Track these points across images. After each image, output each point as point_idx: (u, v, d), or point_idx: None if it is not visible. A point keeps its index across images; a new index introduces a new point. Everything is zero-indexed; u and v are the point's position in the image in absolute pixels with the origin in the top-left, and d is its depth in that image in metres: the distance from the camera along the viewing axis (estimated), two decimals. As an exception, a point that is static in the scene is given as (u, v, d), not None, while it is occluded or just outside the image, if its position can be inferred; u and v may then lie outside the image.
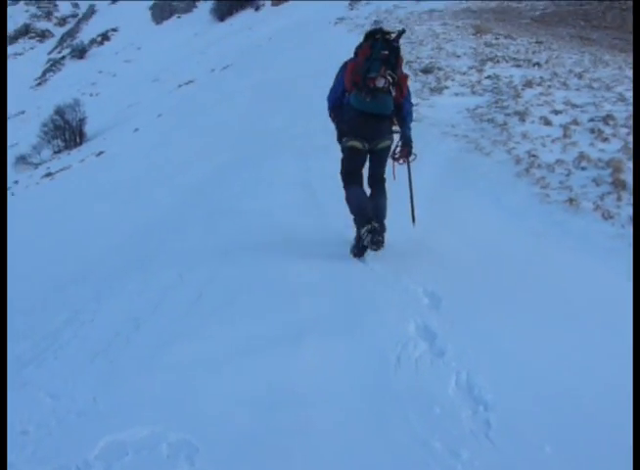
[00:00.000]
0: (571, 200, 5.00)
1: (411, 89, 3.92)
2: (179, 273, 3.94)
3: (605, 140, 6.42)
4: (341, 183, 3.65)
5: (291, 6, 46.11)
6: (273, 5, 50.19)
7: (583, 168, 5.72)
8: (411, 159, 3.65)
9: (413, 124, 3.90)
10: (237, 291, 3.47)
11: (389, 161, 3.73)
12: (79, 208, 10.63)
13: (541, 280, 3.51)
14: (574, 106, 8.14)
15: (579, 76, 10.05)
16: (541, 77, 10.03)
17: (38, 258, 7.20)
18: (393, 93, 3.28)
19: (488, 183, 5.77)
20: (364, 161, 3.57)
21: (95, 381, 2.67)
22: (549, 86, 9.42)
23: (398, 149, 3.58)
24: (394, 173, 3.71)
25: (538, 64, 11.29)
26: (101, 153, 17.97)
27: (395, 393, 2.41)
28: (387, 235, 3.68)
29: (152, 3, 64.49)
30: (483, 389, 2.38)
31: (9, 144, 29.85)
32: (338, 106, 3.48)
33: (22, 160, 24.07)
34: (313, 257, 3.89)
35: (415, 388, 2.43)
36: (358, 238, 3.54)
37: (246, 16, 51.06)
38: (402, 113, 3.49)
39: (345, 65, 3.46)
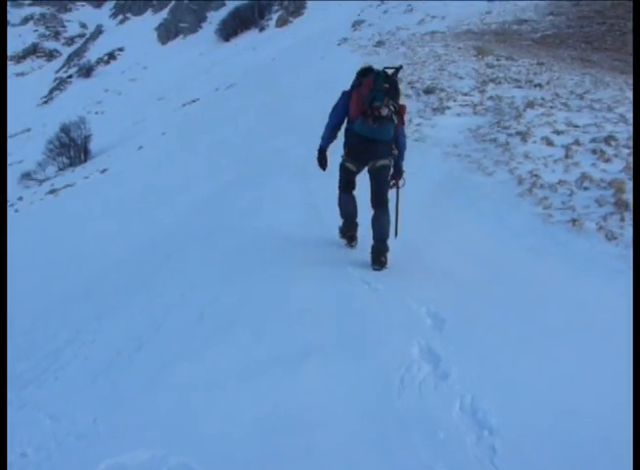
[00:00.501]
0: (574, 220, 5.00)
1: (414, 109, 4.16)
2: (182, 292, 3.92)
3: (607, 161, 6.44)
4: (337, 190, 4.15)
5: (295, 27, 46.86)
6: (277, 26, 51.08)
7: (586, 189, 5.73)
8: (400, 184, 4.12)
9: (416, 144, 4.26)
10: (239, 311, 3.45)
11: None
12: (82, 224, 10.66)
13: (545, 301, 3.48)
14: (576, 126, 8.19)
15: (581, 97, 10.13)
16: (543, 98, 10.11)
17: (40, 275, 7.20)
18: (396, 121, 3.62)
19: (491, 203, 5.78)
20: (355, 176, 3.98)
21: (96, 402, 2.64)
22: (551, 107, 9.49)
23: (390, 177, 3.92)
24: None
25: (540, 85, 11.38)
26: (105, 170, 18.10)
27: (399, 416, 2.38)
28: (390, 255, 3.68)
29: (158, 23, 65.66)
30: (488, 412, 2.34)
31: (15, 161, 30.11)
32: (336, 128, 3.87)
33: (26, 176, 24.24)
34: (316, 276, 3.87)
35: (419, 411, 2.40)
36: (343, 232, 4.24)
37: (250, 36, 51.87)
38: (400, 142, 3.89)
39: (344, 94, 3.81)
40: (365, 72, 3.73)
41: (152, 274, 4.80)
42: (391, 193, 4.16)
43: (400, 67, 3.82)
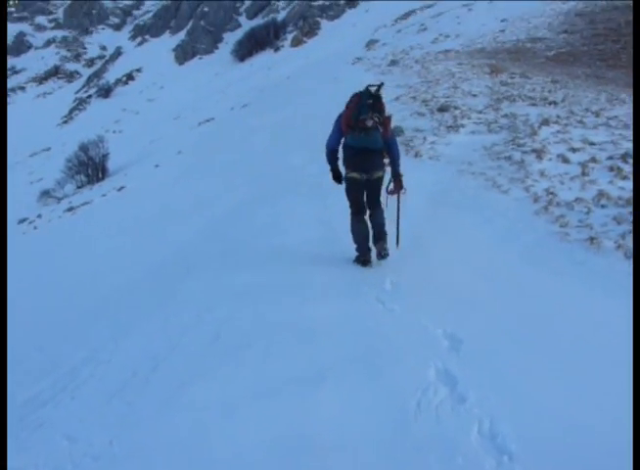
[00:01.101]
0: (591, 239, 4.93)
1: (428, 127, 4.32)
2: (197, 312, 3.92)
3: (624, 178, 6.37)
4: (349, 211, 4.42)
5: (309, 47, 47.58)
6: (292, 46, 51.89)
7: (603, 206, 5.66)
8: (402, 192, 4.34)
9: (431, 162, 4.37)
10: (255, 332, 3.44)
11: (384, 193, 4.37)
12: (99, 242, 10.79)
13: (563, 321, 3.42)
14: (592, 144, 8.12)
15: (596, 114, 10.05)
16: (558, 116, 10.06)
17: (58, 292, 7.29)
18: (381, 130, 3.98)
19: (506, 221, 5.73)
20: (363, 190, 4.20)
21: (111, 423, 2.64)
22: (566, 124, 9.43)
23: (392, 184, 4.29)
24: (387, 202, 4.37)
25: (554, 102, 11.34)
26: (122, 188, 18.37)
27: (416, 441, 2.34)
28: (406, 270, 3.63)
29: (175, 45, 67.13)
30: (507, 437, 2.29)
31: (35, 179, 30.73)
32: (335, 151, 4.22)
33: (45, 194, 24.66)
34: (332, 296, 3.85)
35: (436, 436, 2.35)
36: (359, 258, 4.43)
37: (265, 56, 52.73)
38: (392, 154, 4.20)
39: (340, 116, 4.16)
40: (355, 93, 4.12)
41: (168, 293, 4.83)
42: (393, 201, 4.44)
43: (382, 84, 4.11)
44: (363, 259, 4.36)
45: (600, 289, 3.89)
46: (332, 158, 4.27)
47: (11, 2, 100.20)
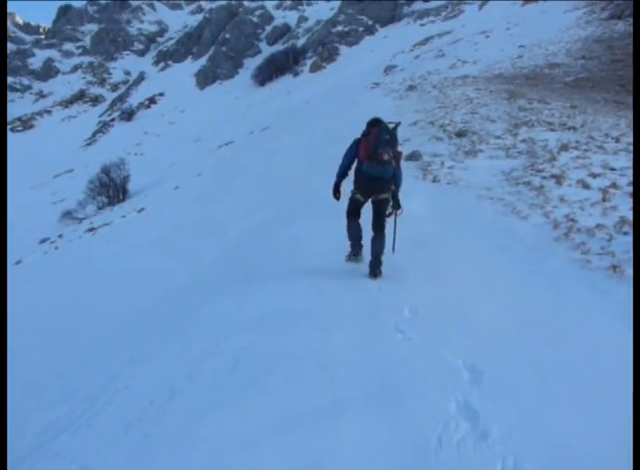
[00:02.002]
0: (614, 267, 4.83)
1: (446, 152, 4.51)
2: (216, 339, 3.90)
3: (647, 205, 6.25)
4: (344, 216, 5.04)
5: (328, 73, 48.38)
6: (311, 72, 52.88)
7: (625, 233, 5.56)
8: (398, 212, 4.92)
9: (449, 187, 6.81)
10: (273, 361, 3.40)
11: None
12: (118, 263, 10.91)
13: (587, 352, 3.32)
14: (613, 169, 8.04)
15: (616, 140, 9.97)
16: (577, 141, 10.00)
17: (77, 314, 7.34)
18: (393, 164, 4.54)
19: (526, 248, 5.65)
20: (361, 206, 4.87)
21: (127, 455, 2.62)
22: (585, 150, 9.37)
23: (390, 204, 4.82)
24: (385, 222, 4.91)
25: (574, 127, 11.29)
26: (142, 209, 18.66)
27: (437, 478, 2.27)
28: (425, 297, 3.57)
29: (197, 70, 68.84)
30: (532, 477, 2.21)
31: (57, 199, 31.40)
32: (346, 168, 4.82)
33: (67, 215, 25.14)
34: (350, 324, 3.81)
35: (458, 473, 2.28)
36: (351, 255, 5.07)
37: (285, 81, 53.73)
38: (397, 182, 4.75)
39: (355, 142, 4.72)
40: (373, 123, 4.63)
41: (186, 319, 4.82)
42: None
43: (399, 123, 4.69)
44: (354, 254, 5.01)
45: (623, 319, 3.79)
46: (341, 173, 4.86)
47: (41, 29, 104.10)
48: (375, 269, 4.82)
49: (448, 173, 8.98)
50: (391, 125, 4.61)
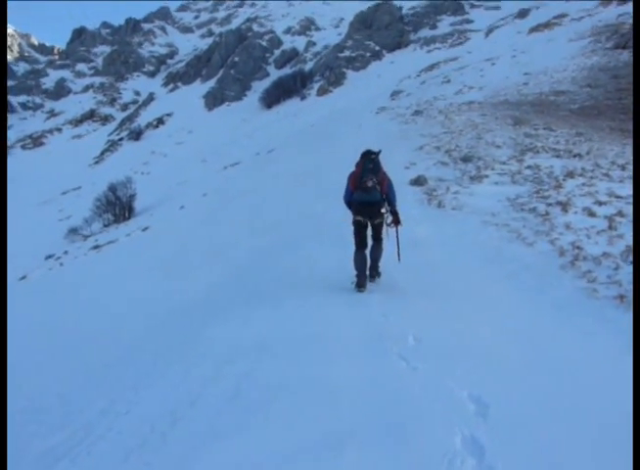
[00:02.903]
0: (621, 296, 4.78)
1: (451, 177, 8.06)
2: (217, 365, 3.85)
3: (654, 234, 6.21)
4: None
5: (335, 96, 48.96)
6: (318, 95, 53.56)
7: (632, 263, 5.51)
8: (400, 227, 5.42)
9: (454, 212, 7.55)
10: (275, 389, 3.35)
11: (385, 227, 5.49)
12: (122, 282, 10.90)
13: (593, 385, 3.26)
14: (619, 197, 8.02)
15: (622, 168, 9.98)
16: (583, 168, 10.01)
17: (80, 334, 7.28)
18: (378, 188, 5.18)
19: (532, 275, 5.60)
20: (366, 230, 5.38)
21: (127, 485, 2.54)
22: (591, 177, 9.37)
23: (390, 220, 5.39)
24: (388, 234, 5.47)
25: (579, 155, 11.31)
26: (147, 228, 18.72)
27: (441, 516, 2.19)
28: (429, 324, 3.51)
29: (206, 91, 69.90)
30: (539, 517, 2.14)
31: (64, 216, 31.61)
32: (349, 203, 5.47)
33: (73, 231, 25.26)
34: (353, 352, 3.76)
35: (463, 512, 2.20)
36: (358, 284, 5.36)
37: (292, 104, 54.40)
38: (390, 200, 5.35)
39: (348, 177, 5.41)
40: (362, 155, 5.32)
41: (189, 342, 4.79)
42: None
43: (379, 151, 5.35)
44: (360, 284, 5.34)
45: (630, 350, 3.72)
46: (348, 205, 5.56)
47: (55, 50, 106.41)
48: (372, 271, 5.51)
49: (453, 198, 8.98)
50: (375, 151, 5.32)
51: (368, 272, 5.45)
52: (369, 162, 5.15)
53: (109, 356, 5.25)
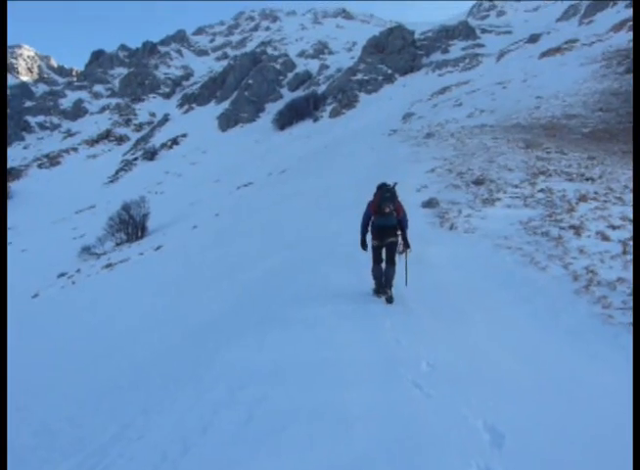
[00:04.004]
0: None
1: (463, 200, 8.77)
2: (230, 389, 3.82)
3: (669, 259, 6.14)
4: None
5: (347, 118, 49.42)
6: (331, 117, 54.09)
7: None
8: (408, 251, 6.04)
9: (466, 235, 8.00)
10: (287, 416, 3.30)
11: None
12: (134, 301, 10.94)
13: (610, 416, 3.20)
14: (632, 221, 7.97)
15: (636, 192, 9.93)
16: (595, 192, 9.96)
17: (92, 355, 7.29)
18: (395, 214, 5.92)
19: (545, 300, 5.55)
20: (381, 250, 6.07)
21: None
22: (604, 201, 9.32)
23: (401, 246, 6.08)
24: (399, 257, 6.09)
25: (592, 178, 11.27)
26: (159, 247, 18.85)
27: None
28: (442, 349, 3.47)
29: (220, 113, 70.96)
30: None
31: (77, 234, 31.91)
32: (366, 225, 6.14)
33: (86, 250, 25.44)
34: (369, 380, 3.73)
35: None
36: (375, 290, 6.18)
37: (304, 126, 54.96)
38: (402, 227, 6.03)
39: (368, 204, 6.11)
40: (379, 187, 6.08)
41: (201, 366, 4.77)
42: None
43: (396, 183, 6.19)
44: (379, 291, 6.12)
45: (648, 379, 3.65)
46: (363, 231, 6.21)
47: (74, 72, 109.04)
48: (386, 288, 6.05)
49: (465, 221, 8.97)
50: (391, 185, 6.11)
51: (383, 288, 6.10)
52: (386, 191, 5.97)
53: (121, 377, 5.21)
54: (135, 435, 3.44)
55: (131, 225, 27.74)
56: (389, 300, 5.91)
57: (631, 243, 6.94)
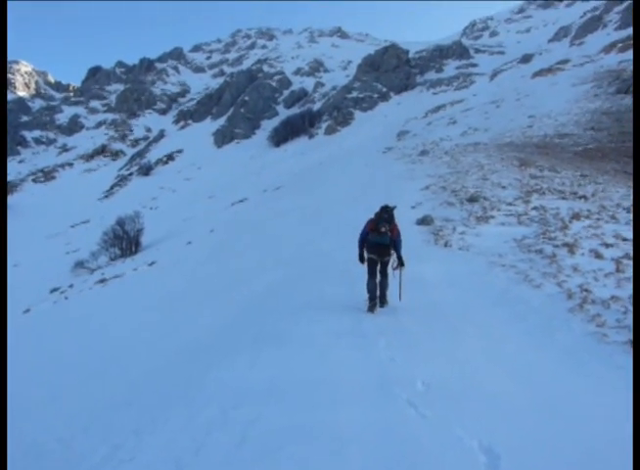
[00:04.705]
0: (631, 341, 4.71)
1: (457, 217, 9.11)
2: (223, 409, 3.77)
3: (663, 277, 6.18)
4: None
5: (342, 135, 49.84)
6: (326, 134, 54.52)
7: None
8: (402, 269, 6.46)
9: (460, 252, 8.16)
10: (282, 436, 3.26)
11: (390, 270, 6.54)
12: (127, 317, 10.84)
13: (606, 434, 3.18)
14: (625, 240, 8.02)
15: (628, 210, 10.01)
16: (588, 210, 10.05)
17: (83, 371, 7.19)
18: (389, 234, 6.29)
19: (540, 318, 5.55)
20: (376, 265, 6.46)
21: None
22: (597, 219, 9.40)
23: (395, 263, 6.50)
24: (393, 274, 6.51)
25: (584, 196, 11.39)
26: (153, 263, 18.76)
27: None
28: (437, 368, 3.44)
29: (215, 129, 71.37)
30: None
31: (71, 249, 31.75)
32: (363, 240, 6.49)
33: (79, 265, 25.27)
34: (363, 399, 3.69)
35: None
36: (368, 305, 6.37)
37: (300, 143, 55.32)
38: (396, 246, 6.42)
39: (367, 221, 6.51)
40: (381, 208, 6.42)
41: (194, 384, 4.71)
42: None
43: (395, 206, 6.56)
44: (371, 307, 6.33)
45: (644, 398, 3.64)
46: (361, 245, 6.54)
47: (70, 88, 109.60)
48: (381, 300, 6.49)
49: (460, 239, 9.01)
50: (392, 207, 6.53)
51: (377, 300, 6.44)
52: (385, 212, 6.39)
53: (113, 395, 5.13)
54: (126, 456, 3.37)
55: (125, 240, 27.64)
56: (382, 306, 6.45)
57: (626, 261, 6.98)
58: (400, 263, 6.45)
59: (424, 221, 10.42)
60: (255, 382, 4.19)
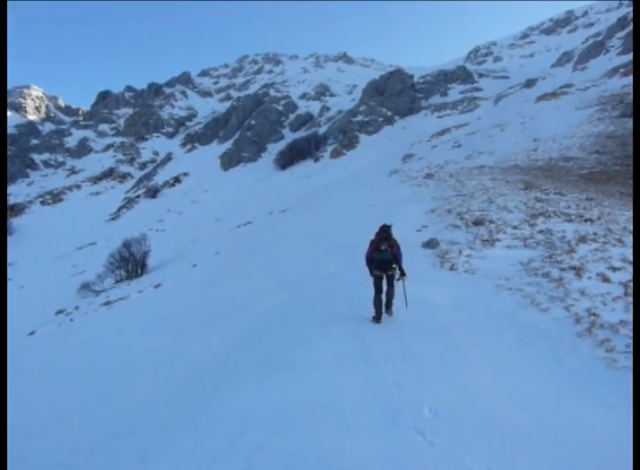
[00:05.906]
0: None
1: (463, 240, 9.64)
2: (230, 436, 3.73)
3: (671, 302, 6.11)
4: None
5: (348, 159, 50.23)
6: (332, 157, 54.99)
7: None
8: (404, 279, 6.93)
9: (466, 275, 8.42)
10: (288, 464, 3.20)
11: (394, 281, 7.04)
12: (132, 340, 10.79)
13: (618, 463, 3.12)
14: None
15: (635, 234, 9.97)
16: (595, 233, 10.01)
17: (87, 395, 7.13)
18: (389, 250, 6.90)
19: (548, 343, 5.49)
20: (382, 280, 7.07)
21: None
22: (604, 242, 9.34)
23: (398, 275, 6.97)
24: (397, 284, 7.03)
25: (590, 219, 11.35)
26: (159, 285, 18.75)
27: None
28: (444, 393, 3.39)
29: (222, 152, 72.17)
30: None
31: (77, 271, 31.84)
32: (369, 259, 7.06)
33: (85, 287, 25.30)
34: (370, 426, 3.65)
35: None
36: (374, 317, 6.95)
37: (305, 166, 55.77)
38: (398, 260, 6.96)
39: (371, 242, 7.11)
40: (380, 228, 7.15)
41: (200, 410, 4.66)
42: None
43: (391, 224, 7.27)
44: (377, 318, 6.92)
45: (657, 427, 3.57)
46: (368, 264, 7.10)
47: (80, 112, 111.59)
48: (388, 307, 7.09)
49: (466, 262, 8.97)
50: (389, 224, 7.24)
51: (384, 309, 7.03)
52: (384, 232, 7.09)
53: (117, 421, 5.06)
54: (131, 486, 3.31)
55: (131, 262, 27.70)
56: (388, 312, 7.08)
57: (632, 284, 6.92)
58: (402, 274, 6.98)
59: (429, 244, 10.40)
60: (261, 408, 4.14)
